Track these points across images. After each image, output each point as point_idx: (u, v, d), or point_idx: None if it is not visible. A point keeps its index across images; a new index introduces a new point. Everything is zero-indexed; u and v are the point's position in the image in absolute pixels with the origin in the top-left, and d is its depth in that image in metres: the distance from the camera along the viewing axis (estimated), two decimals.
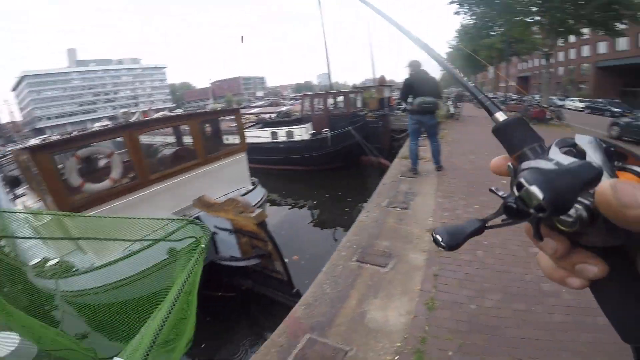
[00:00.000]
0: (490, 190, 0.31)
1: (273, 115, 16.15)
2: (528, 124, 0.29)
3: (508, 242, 2.94)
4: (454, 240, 0.28)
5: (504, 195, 0.27)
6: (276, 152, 11.39)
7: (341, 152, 10.81)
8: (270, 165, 11.55)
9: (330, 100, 12.79)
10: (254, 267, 3.78)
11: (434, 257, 2.80)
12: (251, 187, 5.07)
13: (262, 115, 18.41)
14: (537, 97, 23.73)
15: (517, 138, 0.28)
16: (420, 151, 5.53)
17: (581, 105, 24.20)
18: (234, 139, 6.11)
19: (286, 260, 3.68)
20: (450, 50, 40.24)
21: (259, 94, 72.63)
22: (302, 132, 10.96)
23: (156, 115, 9.34)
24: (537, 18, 14.61)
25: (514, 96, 28.86)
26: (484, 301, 2.22)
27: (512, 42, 20.26)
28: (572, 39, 33.36)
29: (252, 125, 13.19)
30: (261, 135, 11.78)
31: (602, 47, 32.38)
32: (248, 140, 11.79)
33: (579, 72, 36.30)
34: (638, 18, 13.82)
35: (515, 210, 0.25)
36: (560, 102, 24.47)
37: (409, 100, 4.79)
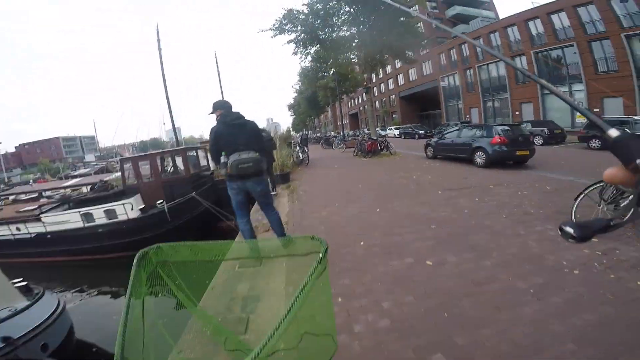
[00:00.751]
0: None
1: (86, 190, 12.05)
2: (639, 137, 0.31)
3: None
4: (584, 233, 0.31)
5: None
6: (95, 239, 8.28)
7: (187, 225, 8.81)
8: (87, 255, 8.41)
9: (167, 162, 10.73)
10: None
11: None
12: (26, 302, 3.64)
13: (82, 189, 13.79)
14: (366, 130, 28.15)
15: (634, 148, 0.31)
16: (262, 218, 4.53)
17: (397, 132, 30.15)
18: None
19: None
20: (295, 94, 44.22)
21: (89, 157, 58.43)
22: (127, 209, 8.39)
23: None
24: (357, 53, 17.24)
25: (350, 132, 33.57)
26: None
27: (341, 81, 23.48)
28: (381, 73, 42.21)
29: (55, 207, 9.50)
30: (69, 220, 8.45)
31: (401, 79, 42.24)
32: (49, 229, 8.36)
33: (390, 103, 46.24)
34: (422, 46, 18.31)
35: None
36: (383, 132, 29.82)
37: (222, 159, 3.31)
